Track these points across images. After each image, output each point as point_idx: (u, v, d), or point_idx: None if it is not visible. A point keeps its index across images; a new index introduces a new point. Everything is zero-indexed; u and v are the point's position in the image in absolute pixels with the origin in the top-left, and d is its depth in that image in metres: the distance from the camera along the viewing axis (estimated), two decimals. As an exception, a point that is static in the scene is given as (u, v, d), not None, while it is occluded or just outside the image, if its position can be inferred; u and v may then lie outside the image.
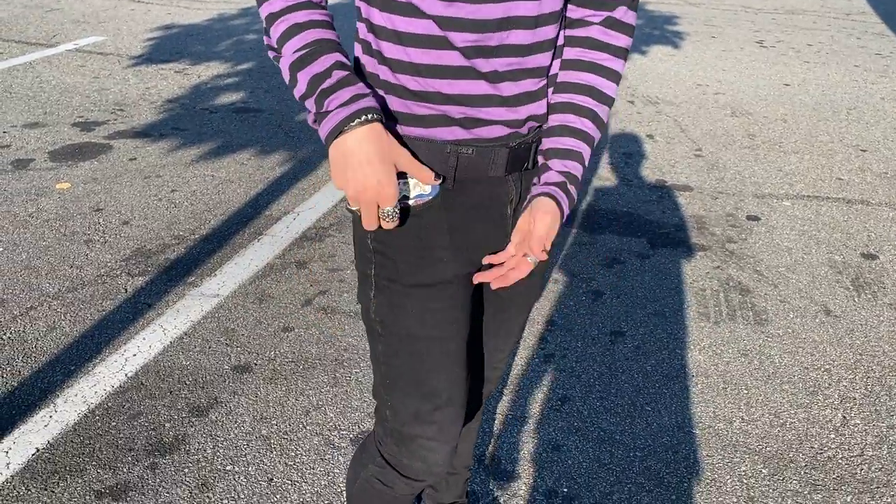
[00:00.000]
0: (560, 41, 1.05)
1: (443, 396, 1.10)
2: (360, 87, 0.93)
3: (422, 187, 1.01)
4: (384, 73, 0.98)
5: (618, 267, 2.87)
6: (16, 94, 4.37)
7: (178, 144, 3.79)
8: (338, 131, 0.91)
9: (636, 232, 3.14)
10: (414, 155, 1.00)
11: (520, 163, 1.06)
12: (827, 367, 2.34)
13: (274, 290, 2.63)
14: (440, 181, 1.01)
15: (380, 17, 0.97)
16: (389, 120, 1.01)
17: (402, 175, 1.00)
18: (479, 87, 0.97)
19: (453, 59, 0.95)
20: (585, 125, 1.05)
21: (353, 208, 0.98)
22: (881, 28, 7.09)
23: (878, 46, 6.41)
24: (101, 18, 6.08)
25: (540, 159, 1.07)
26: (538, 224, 1.02)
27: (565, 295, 2.69)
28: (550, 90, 1.07)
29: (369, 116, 0.91)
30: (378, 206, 0.95)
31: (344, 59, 0.95)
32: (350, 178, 0.92)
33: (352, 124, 0.90)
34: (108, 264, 2.73)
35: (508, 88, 0.99)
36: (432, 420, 1.11)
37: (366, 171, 0.91)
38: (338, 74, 0.92)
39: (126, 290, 2.58)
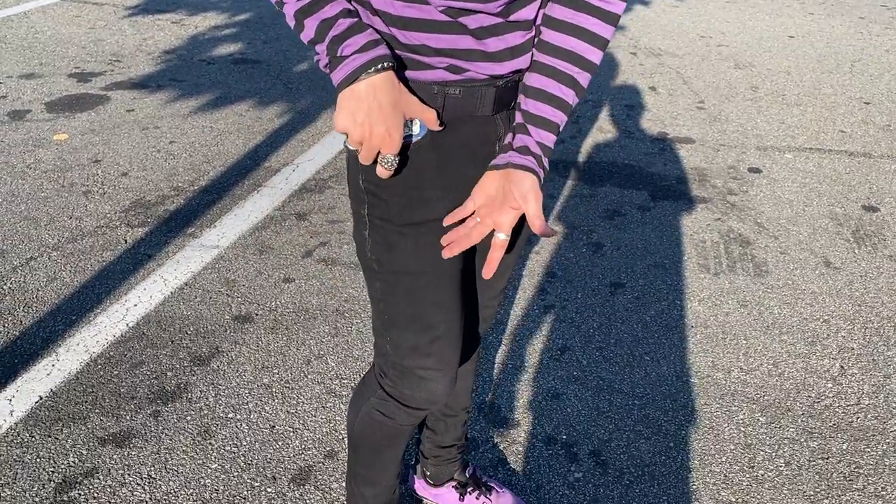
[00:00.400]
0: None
1: (440, 329, 1.13)
2: (371, 34, 0.93)
3: (409, 127, 1.01)
4: (377, 23, 0.98)
5: (618, 219, 2.87)
6: (10, 45, 4.31)
7: (176, 96, 3.75)
8: (354, 77, 0.92)
9: (637, 184, 3.12)
10: (422, 100, 1.00)
11: (507, 101, 1.06)
12: (826, 317, 2.35)
13: (274, 241, 2.63)
14: (442, 128, 1.01)
15: None
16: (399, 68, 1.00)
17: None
18: (465, 42, 0.97)
19: (437, 14, 0.94)
20: (565, 93, 1.01)
21: (353, 148, 0.99)
22: (890, -21, 6.96)
23: (886, -3, 6.30)
24: (94, -33, 5.97)
25: (516, 116, 1.04)
26: (531, 205, 1.00)
27: (566, 247, 2.68)
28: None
29: (385, 65, 0.92)
30: (379, 153, 0.97)
31: (349, 6, 0.95)
32: (361, 122, 0.94)
33: (369, 71, 0.92)
34: (108, 215, 2.73)
35: (494, 44, 0.98)
36: (430, 352, 1.14)
37: (377, 118, 0.93)
38: (348, 21, 0.93)
39: (126, 241, 2.58)
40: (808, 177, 3.24)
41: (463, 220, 1.08)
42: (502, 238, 1.04)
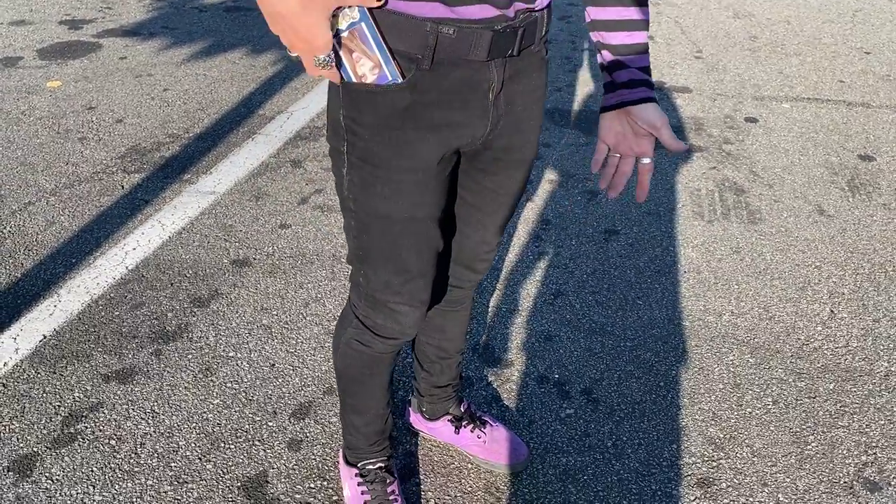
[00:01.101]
0: None
1: (413, 271, 1.14)
2: None
3: (351, 16, 0.94)
4: None
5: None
6: (-1, -9, 4.25)
7: (169, 44, 3.71)
8: None
9: (633, 133, 3.12)
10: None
11: (503, 48, 1.02)
12: (817, 264, 2.38)
13: (270, 188, 2.64)
14: (381, 3, 0.95)
15: None
16: None
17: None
18: None
19: None
20: (636, 13, 1.08)
21: (292, 55, 0.96)
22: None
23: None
24: (83, -88, 5.84)
25: (604, 55, 1.09)
26: (663, 131, 1.08)
27: (560, 195, 2.70)
28: None
29: None
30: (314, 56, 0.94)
31: None
32: (279, 31, 0.91)
33: None
34: (104, 161, 2.73)
35: None
36: (402, 290, 1.16)
37: (291, 24, 0.89)
38: None
39: (123, 187, 2.59)
40: (805, 126, 3.24)
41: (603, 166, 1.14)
42: (647, 162, 1.12)
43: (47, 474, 1.57)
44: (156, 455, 1.63)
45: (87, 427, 1.69)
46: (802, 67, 3.84)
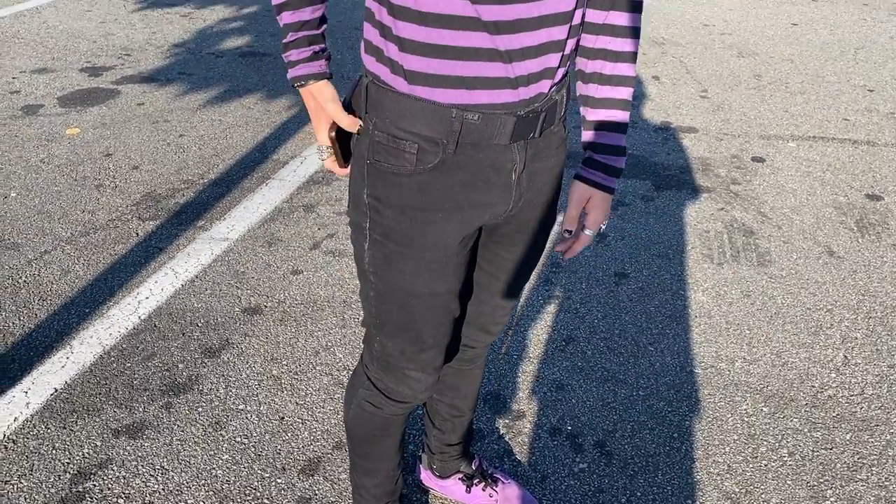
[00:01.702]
0: (577, 20, 1.04)
1: (429, 342, 1.16)
2: (300, 53, 1.08)
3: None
4: (392, 50, 1.00)
5: (622, 209, 2.89)
6: (23, 40, 4.34)
7: (185, 89, 3.78)
8: (292, 84, 1.11)
9: (641, 174, 3.14)
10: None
11: (526, 132, 1.05)
12: (829, 307, 2.37)
13: (282, 233, 2.66)
14: (356, 130, 1.10)
15: None
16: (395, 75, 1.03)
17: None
18: (491, 69, 0.99)
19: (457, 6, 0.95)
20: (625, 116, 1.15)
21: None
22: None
23: (894, -17, 6.26)
24: (100, -40, 5.99)
25: (587, 135, 1.16)
26: (597, 217, 1.18)
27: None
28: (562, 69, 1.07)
29: (302, 83, 1.09)
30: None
31: (307, 18, 1.06)
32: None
33: (295, 86, 1.11)
34: (119, 209, 2.77)
35: (518, 68, 0.99)
36: (417, 359, 1.17)
37: (312, 117, 1.14)
38: (293, 35, 1.07)
39: (137, 234, 2.62)
40: (812, 165, 3.25)
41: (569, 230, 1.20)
42: (588, 234, 1.19)
43: (60, 531, 1.58)
44: (167, 511, 1.63)
45: (95, 485, 1.69)
46: (807, 106, 3.86)
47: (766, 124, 3.63)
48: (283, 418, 1.89)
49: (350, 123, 1.09)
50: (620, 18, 1.09)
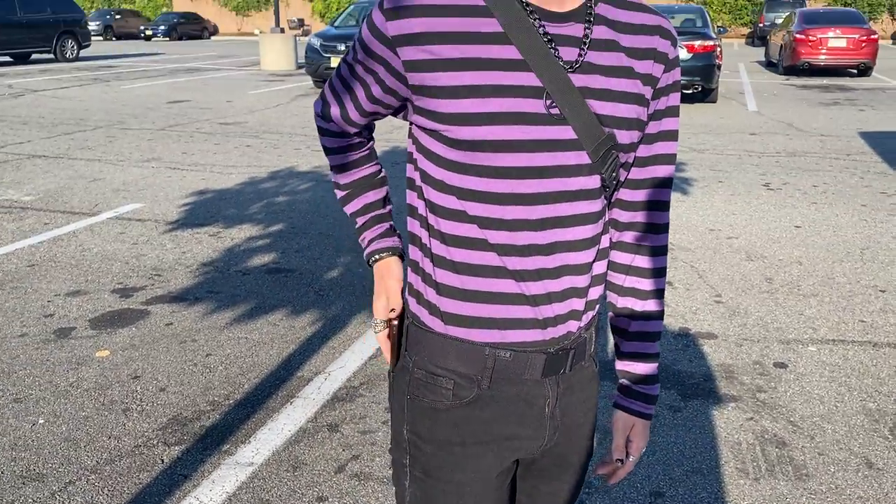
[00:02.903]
0: (604, 244, 1.14)
1: None
2: (372, 232, 1.24)
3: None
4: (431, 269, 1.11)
5: (651, 422, 2.86)
6: (60, 264, 4.58)
7: (213, 308, 3.92)
8: (367, 263, 1.24)
9: (666, 383, 3.15)
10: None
11: (556, 367, 1.11)
12: (875, 525, 2.28)
13: (307, 456, 2.64)
14: (395, 318, 1.19)
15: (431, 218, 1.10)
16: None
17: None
18: (520, 311, 1.07)
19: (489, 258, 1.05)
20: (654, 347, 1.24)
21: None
22: (882, 167, 7.33)
23: (882, 185, 6.60)
24: (139, 186, 6.45)
25: (624, 366, 1.23)
26: (640, 444, 1.23)
27: (601, 454, 2.67)
28: (585, 300, 1.15)
29: (375, 258, 1.23)
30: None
31: (371, 200, 1.25)
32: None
33: (370, 263, 1.23)
34: (146, 434, 2.77)
35: (546, 310, 1.08)
36: None
37: (376, 289, 1.23)
38: (361, 219, 1.25)
39: (163, 461, 2.60)
40: (836, 370, 3.25)
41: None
42: (632, 461, 1.23)
43: None
44: None
45: None
46: (822, 308, 3.93)
47: (783, 328, 3.69)
48: None
49: (387, 308, 1.19)
50: (646, 262, 1.18)
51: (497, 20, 1.00)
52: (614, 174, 1.09)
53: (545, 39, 1.01)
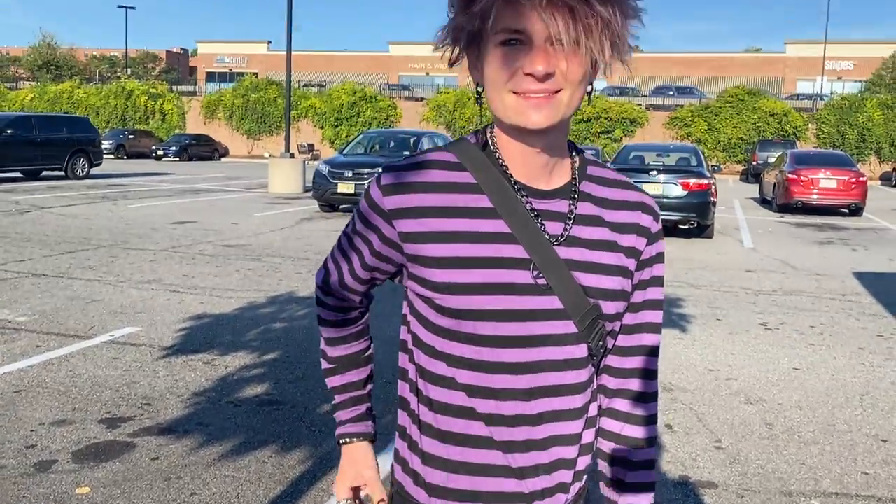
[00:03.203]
0: (592, 412, 1.16)
1: None
2: (347, 413, 1.29)
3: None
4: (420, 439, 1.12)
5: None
6: (48, 389, 4.51)
7: (202, 442, 3.83)
8: (337, 441, 1.31)
9: (665, 539, 3.03)
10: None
11: None
12: None
13: None
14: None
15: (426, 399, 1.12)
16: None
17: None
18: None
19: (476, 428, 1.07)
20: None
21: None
22: (877, 309, 7.38)
23: (878, 327, 6.62)
24: (137, 309, 6.46)
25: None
26: None
27: None
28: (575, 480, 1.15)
29: (346, 440, 1.30)
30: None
31: (352, 379, 1.27)
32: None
33: (340, 442, 1.31)
34: (120, 583, 2.64)
35: (532, 483, 1.09)
36: None
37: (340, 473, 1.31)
38: (339, 397, 1.31)
39: None
40: (841, 528, 3.14)
41: None
42: None
43: None
44: None
45: None
46: (823, 458, 3.85)
47: (784, 479, 3.59)
48: None
49: (348, 492, 1.24)
50: (636, 432, 1.20)
51: (487, 197, 1.06)
52: (601, 343, 1.13)
53: (532, 214, 1.07)
